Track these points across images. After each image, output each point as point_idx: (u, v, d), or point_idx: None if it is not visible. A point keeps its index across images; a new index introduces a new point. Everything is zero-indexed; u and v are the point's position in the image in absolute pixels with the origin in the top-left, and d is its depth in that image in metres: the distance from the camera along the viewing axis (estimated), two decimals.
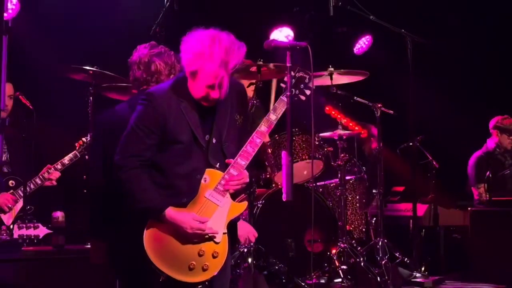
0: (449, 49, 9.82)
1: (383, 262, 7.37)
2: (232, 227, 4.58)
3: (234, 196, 4.53)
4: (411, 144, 7.89)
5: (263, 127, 4.55)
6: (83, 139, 7.03)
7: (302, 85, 4.69)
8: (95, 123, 6.66)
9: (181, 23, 4.61)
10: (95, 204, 5.05)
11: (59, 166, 7.03)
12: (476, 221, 8.20)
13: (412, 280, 7.45)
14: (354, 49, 9.38)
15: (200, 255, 4.40)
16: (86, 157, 7.01)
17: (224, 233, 4.45)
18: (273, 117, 4.58)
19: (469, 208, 8.44)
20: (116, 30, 8.39)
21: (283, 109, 4.60)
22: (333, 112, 8.16)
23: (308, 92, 4.71)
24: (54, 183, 7.09)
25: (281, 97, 4.64)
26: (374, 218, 8.30)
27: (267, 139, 7.26)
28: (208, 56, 4.33)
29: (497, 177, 8.77)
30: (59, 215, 6.79)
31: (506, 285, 7.45)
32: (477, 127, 9.41)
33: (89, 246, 6.45)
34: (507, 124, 9.04)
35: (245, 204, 4.57)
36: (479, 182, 8.89)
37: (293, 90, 4.65)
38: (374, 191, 8.26)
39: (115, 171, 4.46)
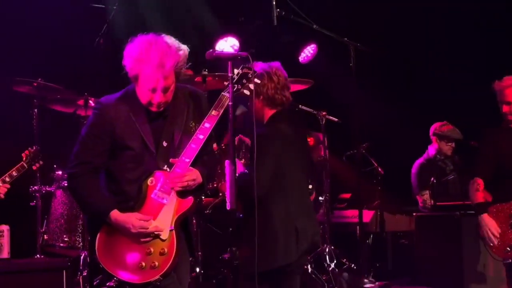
0: (391, 57, 9.93)
1: (330, 269, 7.43)
2: (185, 224, 4.63)
3: (183, 194, 4.55)
4: (356, 151, 7.96)
5: (206, 124, 4.58)
6: (30, 149, 6.98)
7: (245, 80, 4.74)
8: None
9: (124, 35, 4.63)
10: None
11: (7, 179, 6.97)
12: (421, 226, 8.29)
13: (360, 285, 7.50)
14: (300, 58, 9.44)
15: (148, 254, 4.44)
16: (33, 167, 6.94)
17: (171, 230, 4.47)
18: (215, 113, 4.62)
19: (414, 214, 8.54)
20: (60, 43, 8.35)
21: (225, 105, 4.63)
22: None
23: (251, 86, 4.76)
24: (2, 196, 7.02)
25: (222, 93, 4.69)
26: (321, 225, 8.34)
27: (215, 147, 7.27)
28: (145, 60, 4.41)
29: (440, 183, 8.87)
30: (4, 228, 6.72)
31: None
32: (421, 133, 9.52)
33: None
34: (445, 130, 9.15)
35: (190, 199, 4.57)
36: (422, 189, 8.98)
37: (236, 85, 4.69)
38: (320, 198, 8.31)
39: (67, 179, 4.54)
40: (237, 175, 5.04)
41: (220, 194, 7.48)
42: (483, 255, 7.22)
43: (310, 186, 7.62)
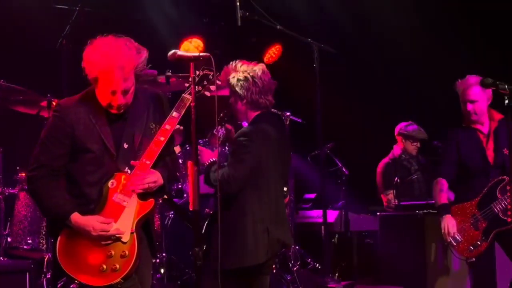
0: (355, 57, 9.99)
1: (295, 269, 7.45)
2: (146, 226, 4.61)
3: (144, 197, 4.54)
4: (321, 151, 7.98)
5: (166, 126, 4.58)
6: None
7: (206, 82, 4.75)
8: None
9: (87, 36, 4.61)
10: None
11: None
12: (385, 225, 8.32)
13: (324, 285, 7.52)
14: (264, 59, 9.47)
15: (109, 257, 4.42)
16: None
17: (132, 233, 4.46)
18: (176, 114, 4.62)
19: (378, 213, 8.58)
20: (22, 44, 8.29)
21: (186, 106, 4.63)
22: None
23: (213, 88, 4.77)
24: None
25: (183, 94, 4.69)
26: None
27: (177, 149, 7.28)
28: (104, 62, 4.40)
29: (405, 182, 8.93)
30: None
31: None
32: (385, 133, 9.58)
33: None
34: (410, 130, 9.19)
35: (151, 201, 4.56)
36: (387, 188, 9.03)
37: (197, 87, 4.69)
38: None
39: (27, 182, 4.51)
40: (209, 161, 5.12)
41: (185, 195, 7.48)
42: (446, 254, 7.28)
43: (286, 189, 7.65)
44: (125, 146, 4.56)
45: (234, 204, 5.14)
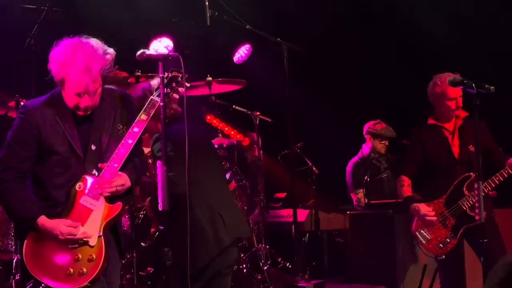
0: (323, 56, 10.01)
1: (265, 268, 7.45)
2: (113, 229, 4.60)
3: (112, 200, 4.53)
4: (290, 150, 8.01)
5: (135, 128, 4.57)
6: None
7: (174, 84, 4.73)
8: None
9: (56, 35, 4.59)
10: None
11: None
12: (354, 224, 8.36)
13: (294, 284, 7.54)
14: (234, 58, 9.45)
15: (76, 261, 4.41)
16: None
17: (99, 236, 4.44)
18: (144, 117, 4.61)
19: (348, 212, 8.61)
20: None
21: (155, 108, 4.63)
22: (214, 121, 8.23)
23: (181, 90, 4.76)
24: None
25: (151, 97, 4.67)
26: (256, 225, 8.37)
27: (147, 149, 7.25)
28: (71, 64, 4.37)
29: (374, 181, 8.98)
30: None
31: (385, 286, 7.63)
32: (355, 133, 9.61)
33: None
34: (379, 129, 9.25)
35: (119, 205, 4.56)
36: (357, 187, 9.08)
37: (166, 89, 4.66)
38: (256, 198, 8.33)
39: None
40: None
41: None
42: (415, 252, 7.32)
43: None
44: (93, 148, 4.54)
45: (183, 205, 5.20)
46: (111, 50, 4.54)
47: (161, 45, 9.08)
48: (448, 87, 6.33)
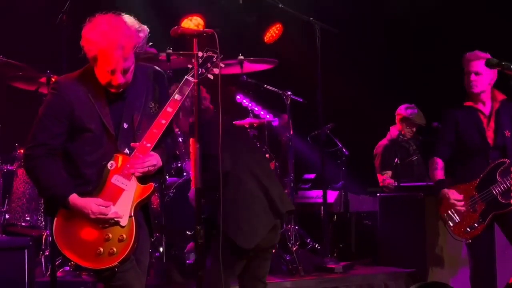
0: (356, 38, 9.94)
1: (294, 249, 7.43)
2: (143, 207, 4.58)
3: (143, 180, 4.51)
4: (321, 132, 7.96)
5: (168, 108, 4.53)
6: None
7: (209, 64, 4.69)
8: None
9: (88, 11, 4.56)
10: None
11: None
12: (384, 206, 8.33)
13: (323, 266, 7.52)
14: (265, 38, 9.42)
15: (106, 240, 4.38)
16: None
17: (130, 216, 4.42)
18: (178, 97, 4.57)
19: (378, 194, 8.57)
20: (22, 19, 8.23)
21: (189, 89, 4.59)
22: (244, 101, 8.19)
23: (216, 71, 4.71)
24: None
25: (186, 77, 4.63)
26: None
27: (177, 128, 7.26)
28: (104, 41, 4.33)
29: (404, 163, 8.92)
30: None
31: (414, 269, 7.60)
32: (385, 115, 9.55)
33: None
34: (410, 113, 9.17)
35: (151, 185, 4.53)
36: (384, 169, 9.04)
37: (200, 69, 4.63)
38: (285, 179, 8.30)
39: (23, 160, 4.45)
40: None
41: (184, 174, 7.45)
42: (445, 236, 7.27)
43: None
44: (125, 126, 4.50)
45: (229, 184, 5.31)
46: (144, 27, 4.48)
47: (191, 24, 9.06)
48: (471, 60, 6.25)
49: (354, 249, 9.25)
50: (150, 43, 4.65)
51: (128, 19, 4.45)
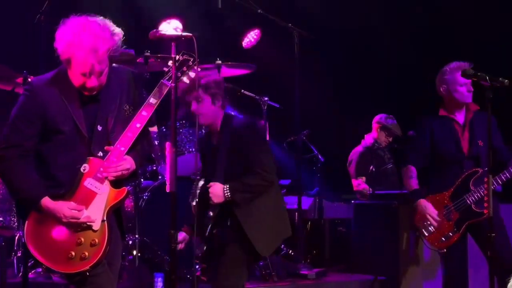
0: (334, 44, 9.97)
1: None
2: (116, 210, 4.56)
3: (117, 183, 4.49)
4: (297, 138, 7.98)
5: (143, 112, 4.51)
6: None
7: (185, 68, 4.69)
8: None
9: (66, 12, 4.54)
10: None
11: None
12: (358, 214, 8.36)
13: (296, 272, 7.52)
14: (243, 43, 9.40)
15: (78, 244, 4.35)
16: None
17: (103, 221, 4.39)
18: (153, 101, 4.54)
19: (352, 202, 8.60)
20: None
21: (164, 93, 4.58)
22: None
23: (192, 74, 4.71)
24: None
25: (162, 80, 4.62)
26: None
27: (155, 129, 7.25)
28: (77, 44, 4.31)
29: (379, 171, 8.97)
30: None
31: (387, 277, 7.63)
32: (360, 123, 9.58)
33: None
34: (390, 123, 9.28)
35: (124, 190, 4.51)
36: (359, 175, 9.08)
37: (176, 72, 4.63)
38: None
39: None
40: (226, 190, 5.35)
41: (159, 177, 7.44)
42: (418, 244, 7.31)
43: None
44: (99, 128, 4.48)
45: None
46: (118, 30, 4.46)
47: (170, 27, 9.02)
48: (458, 73, 6.27)
49: (328, 256, 9.26)
50: (125, 46, 4.63)
51: (102, 21, 4.43)
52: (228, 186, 5.38)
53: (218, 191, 5.39)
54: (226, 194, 5.37)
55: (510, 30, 9.24)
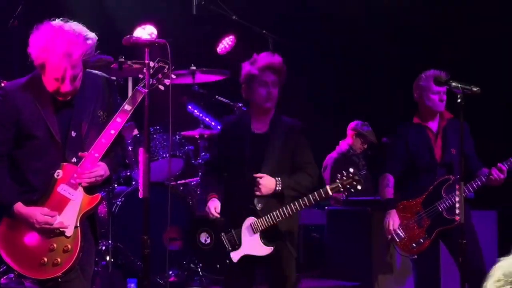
0: (309, 50, 9.99)
1: None
2: (90, 220, 4.54)
3: (90, 190, 4.46)
4: None
5: (118, 118, 4.50)
6: None
7: (160, 75, 4.67)
8: None
9: (39, 17, 4.52)
10: None
11: None
12: (332, 220, 8.39)
13: None
14: (217, 49, 9.41)
15: (51, 250, 4.34)
16: None
17: (76, 227, 4.38)
18: (128, 107, 4.53)
19: (326, 208, 8.62)
20: None
21: (139, 100, 4.56)
22: (195, 111, 8.19)
23: (167, 82, 4.70)
24: None
25: (137, 87, 4.60)
26: None
27: (135, 132, 7.29)
28: (51, 49, 4.28)
29: None
30: None
31: (360, 282, 7.66)
32: (335, 129, 9.61)
33: None
34: (365, 130, 9.35)
35: (98, 196, 4.49)
36: (334, 181, 9.07)
37: (151, 80, 4.62)
38: None
39: None
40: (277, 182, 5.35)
41: (133, 182, 7.43)
42: (391, 250, 7.35)
43: None
44: (73, 134, 4.45)
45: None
46: (92, 35, 4.43)
47: (145, 32, 9.02)
48: (432, 80, 6.31)
49: (302, 262, 9.27)
50: (98, 51, 4.61)
51: (76, 26, 4.40)
52: (280, 179, 5.36)
53: (270, 183, 5.36)
54: (277, 188, 5.34)
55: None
